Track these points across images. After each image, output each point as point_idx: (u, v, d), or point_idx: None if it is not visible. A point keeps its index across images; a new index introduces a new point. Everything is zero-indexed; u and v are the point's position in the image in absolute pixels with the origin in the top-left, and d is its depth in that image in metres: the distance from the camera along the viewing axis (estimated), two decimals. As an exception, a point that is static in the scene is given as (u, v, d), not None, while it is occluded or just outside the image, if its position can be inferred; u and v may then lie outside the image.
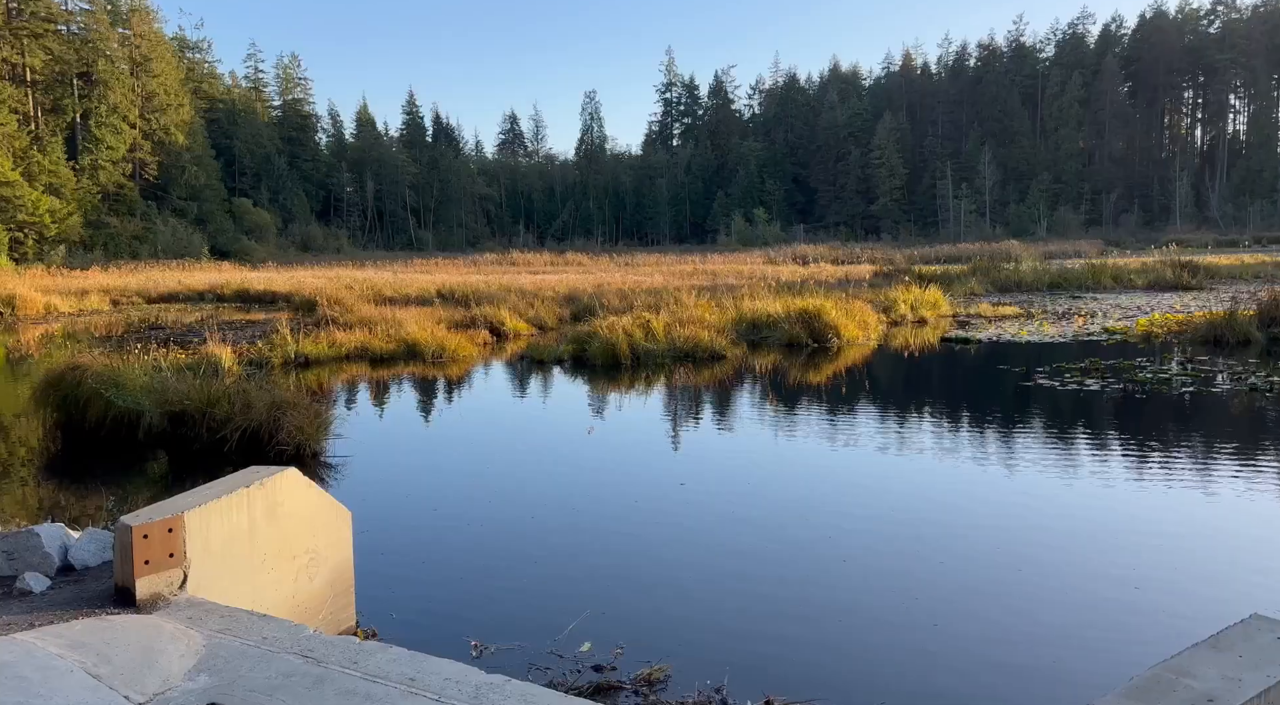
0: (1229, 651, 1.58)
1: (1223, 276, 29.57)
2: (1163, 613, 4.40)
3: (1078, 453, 7.69)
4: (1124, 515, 5.99)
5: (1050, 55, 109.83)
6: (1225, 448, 7.78)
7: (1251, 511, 5.93)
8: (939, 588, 4.76)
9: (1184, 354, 13.13)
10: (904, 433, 8.86)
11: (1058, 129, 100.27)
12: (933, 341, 16.27)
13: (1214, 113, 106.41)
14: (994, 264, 34.62)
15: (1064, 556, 5.21)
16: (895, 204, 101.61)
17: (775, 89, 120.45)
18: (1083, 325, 17.67)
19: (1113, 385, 10.67)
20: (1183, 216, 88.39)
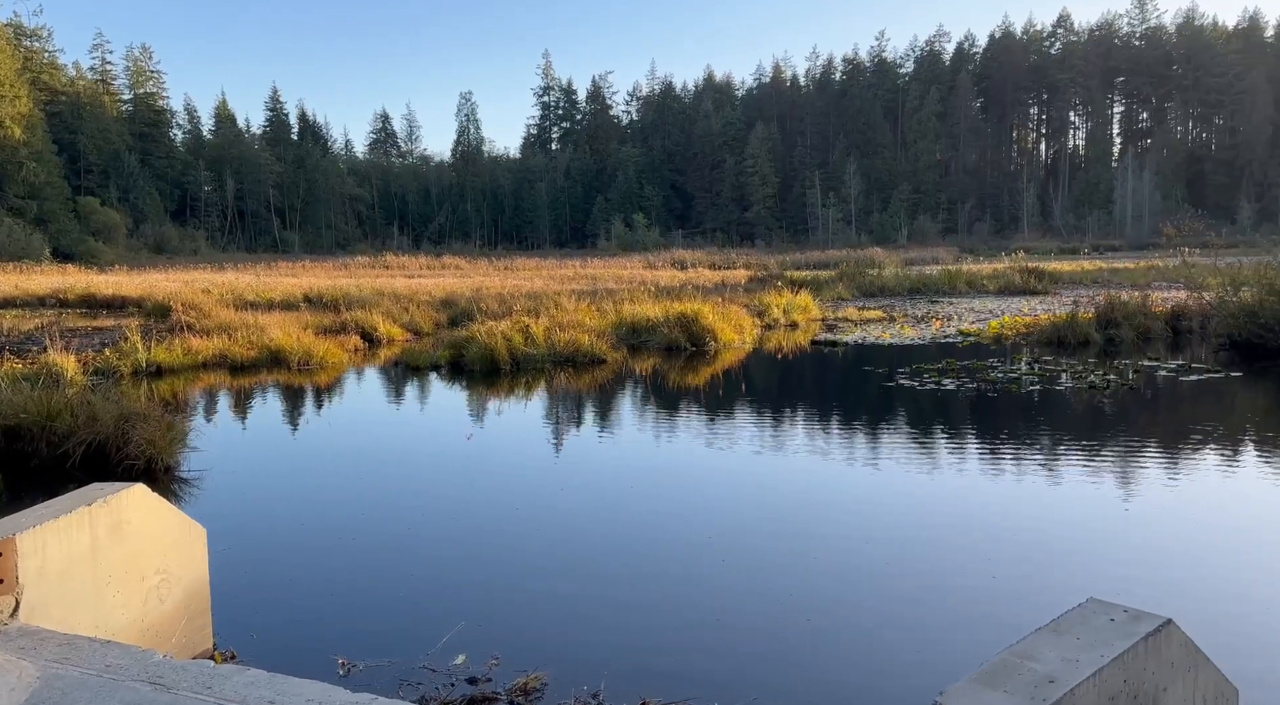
0: (1068, 635, 1.68)
1: (1065, 281, 31.81)
2: (1014, 599, 4.67)
3: (936, 449, 8.09)
4: (979, 507, 6.34)
5: (910, 71, 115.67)
6: (1068, 442, 8.35)
7: (1090, 500, 6.39)
8: (811, 583, 4.91)
9: (1031, 355, 14.04)
10: (778, 433, 9.10)
11: (917, 142, 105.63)
12: (804, 344, 16.81)
13: (1056, 128, 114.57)
14: (860, 270, 36.11)
15: (926, 548, 5.46)
16: (768, 211, 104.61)
17: (652, 96, 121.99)
18: (940, 328, 18.64)
19: (967, 385, 11.29)
20: (1030, 225, 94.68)
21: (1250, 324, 14.08)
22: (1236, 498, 6.48)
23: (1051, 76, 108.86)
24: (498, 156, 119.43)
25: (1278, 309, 13.66)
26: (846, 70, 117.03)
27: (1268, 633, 4.15)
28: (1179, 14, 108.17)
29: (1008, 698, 1.48)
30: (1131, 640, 1.64)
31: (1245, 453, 7.93)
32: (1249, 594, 4.63)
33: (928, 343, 16.23)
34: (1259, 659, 3.87)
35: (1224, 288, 15.92)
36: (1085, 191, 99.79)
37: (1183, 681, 1.72)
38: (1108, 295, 18.07)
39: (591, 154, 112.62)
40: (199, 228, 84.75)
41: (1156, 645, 1.68)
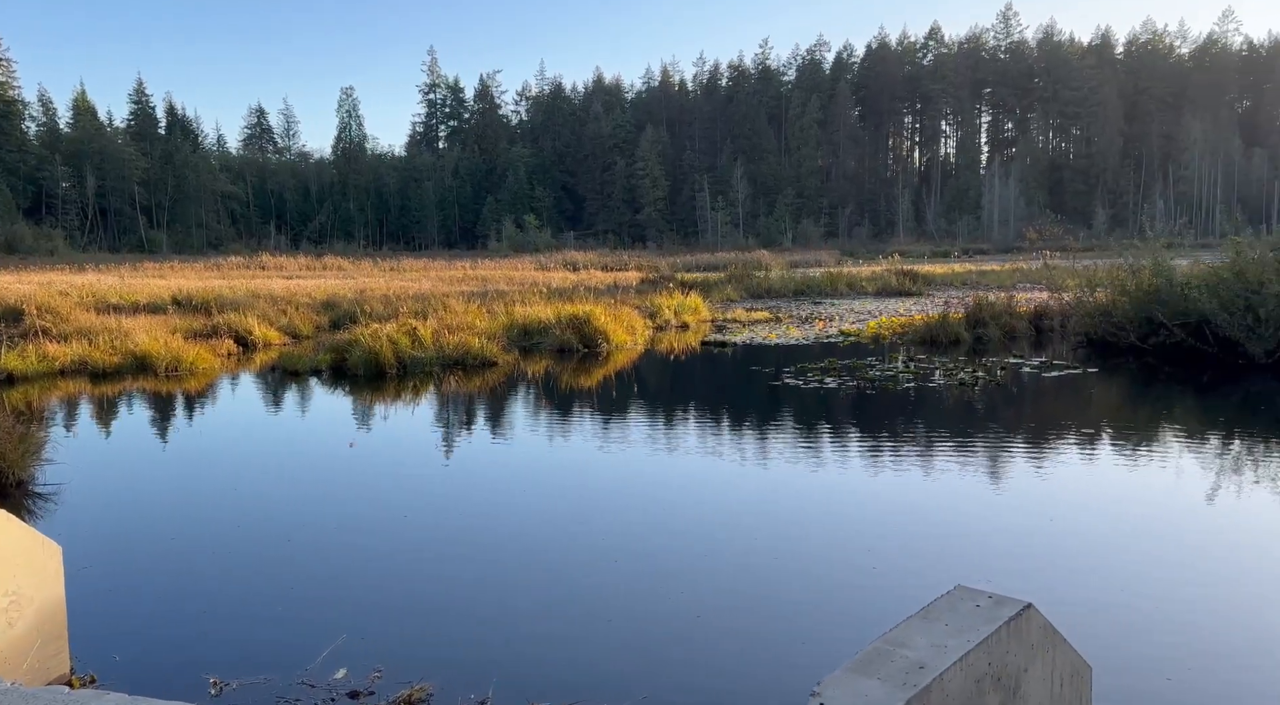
0: (937, 621, 1.74)
1: (938, 283, 33.36)
2: (891, 588, 4.85)
3: (820, 447, 8.35)
4: (859, 501, 6.57)
5: (792, 79, 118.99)
6: (941, 436, 8.76)
7: (961, 492, 6.71)
8: (699, 581, 4.97)
9: (907, 353, 14.65)
10: (669, 434, 9.19)
11: (800, 148, 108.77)
12: (694, 345, 17.04)
13: (929, 137, 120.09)
14: (747, 272, 36.89)
15: (810, 542, 5.61)
16: (659, 214, 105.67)
17: (542, 97, 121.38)
18: (823, 328, 19.25)
19: (848, 383, 11.69)
20: (905, 229, 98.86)
21: (1104, 323, 15.09)
22: (1093, 486, 6.94)
23: (924, 87, 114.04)
24: (382, 154, 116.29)
25: (1128, 309, 14.68)
26: (732, 77, 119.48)
27: (1119, 613, 4.45)
28: (1040, 30, 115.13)
29: (880, 685, 1.53)
30: (995, 625, 1.73)
31: (1101, 444, 8.50)
32: (1103, 577, 4.95)
33: (812, 343, 16.71)
34: (1111, 637, 4.14)
35: (1081, 289, 17.02)
36: (956, 197, 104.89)
37: (1042, 661, 1.81)
38: (976, 296, 19.05)
39: (480, 153, 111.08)
40: (56, 226, 78.97)
41: (1018, 628, 1.77)
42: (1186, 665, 3.81)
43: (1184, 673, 3.74)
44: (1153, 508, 6.32)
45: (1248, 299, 12.72)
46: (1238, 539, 5.57)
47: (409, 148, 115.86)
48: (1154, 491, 6.71)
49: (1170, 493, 6.63)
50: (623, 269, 44.37)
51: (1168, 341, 13.73)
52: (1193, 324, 13.41)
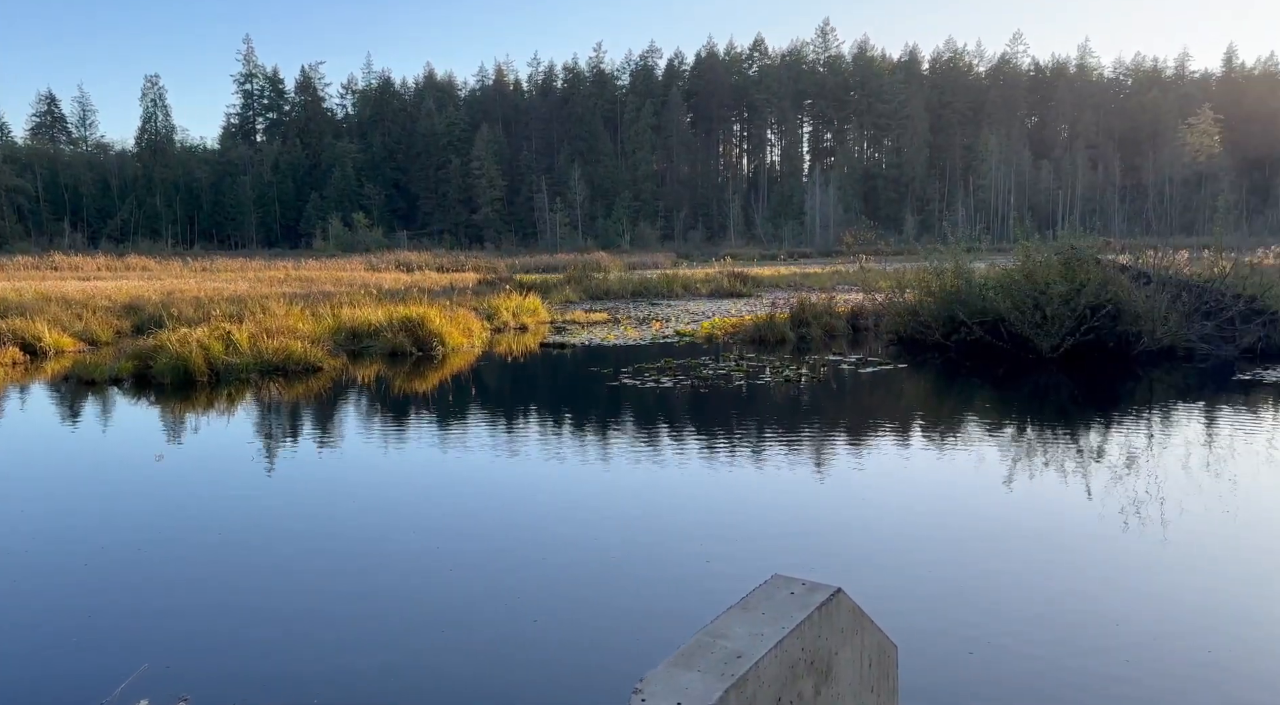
0: (755, 610, 1.79)
1: (766, 285, 34.78)
2: (719, 580, 5.00)
3: (655, 445, 8.50)
4: (690, 497, 6.74)
5: (626, 83, 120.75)
6: (768, 431, 9.13)
7: (784, 483, 7.02)
8: (530, 582, 4.94)
9: (737, 353, 15.18)
10: (508, 436, 9.09)
11: (635, 152, 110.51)
12: (533, 347, 16.95)
13: (756, 145, 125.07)
14: (586, 274, 37.11)
15: (643, 539, 5.70)
16: (496, 214, 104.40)
17: (370, 91, 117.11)
18: (660, 329, 19.63)
19: (683, 382, 11.98)
20: (736, 233, 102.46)
21: (913, 322, 16.21)
22: (901, 475, 7.44)
23: (751, 96, 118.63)
24: (193, 147, 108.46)
25: (933, 309, 15.85)
26: (568, 78, 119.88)
27: (925, 593, 4.79)
28: (855, 45, 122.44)
29: (700, 677, 1.57)
30: (808, 611, 1.80)
31: (910, 435, 9.13)
32: (910, 559, 5.31)
33: (649, 343, 17.01)
34: (917, 616, 4.45)
35: (892, 290, 18.22)
36: (781, 203, 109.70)
37: (851, 644, 1.91)
38: (800, 298, 19.99)
39: (303, 148, 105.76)
40: None
41: (829, 613, 1.85)
42: (988, 639, 4.15)
43: (985, 647, 4.06)
44: (955, 493, 6.84)
45: (1036, 299, 14.02)
46: (1032, 519, 6.13)
47: (223, 141, 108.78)
48: (956, 478, 7.27)
49: (970, 479, 7.21)
50: (460, 270, 43.53)
51: (968, 338, 14.91)
52: (990, 322, 14.63)
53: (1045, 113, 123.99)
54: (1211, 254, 16.17)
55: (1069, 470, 7.28)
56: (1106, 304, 13.63)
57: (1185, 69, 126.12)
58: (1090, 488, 6.63)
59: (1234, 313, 13.95)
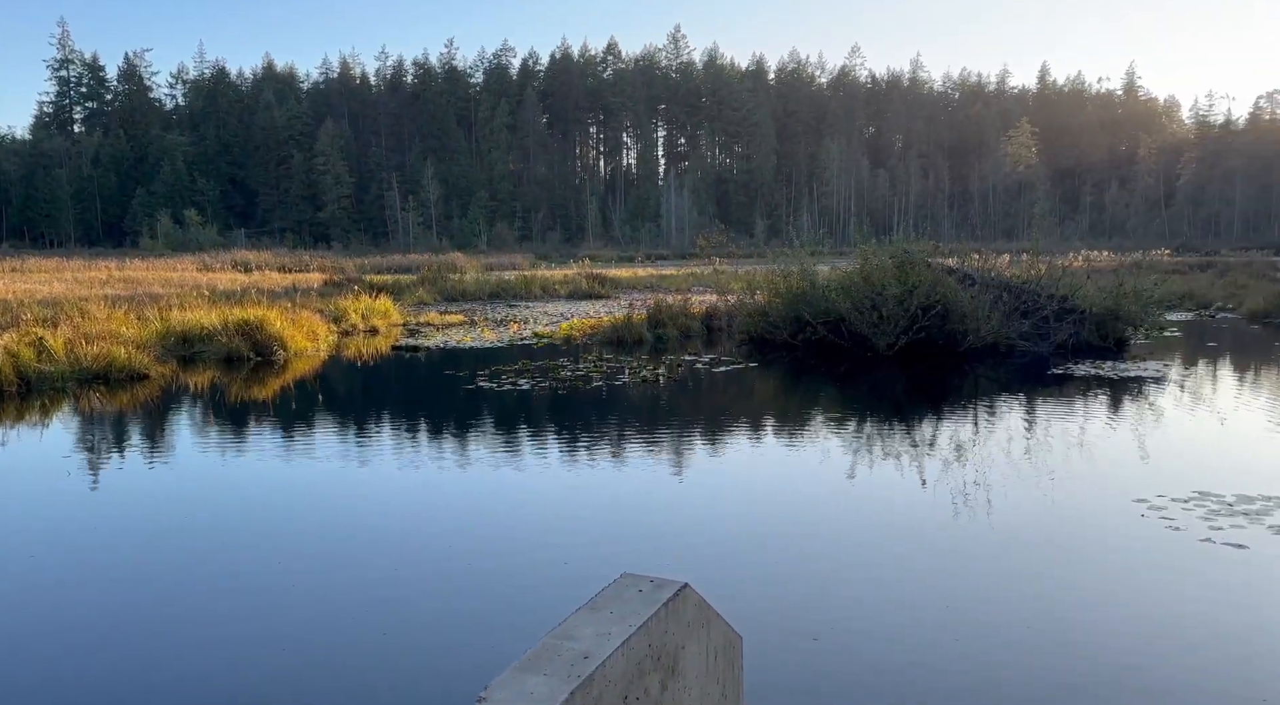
0: (603, 610, 1.80)
1: (624, 287, 35.10)
2: (573, 581, 5.00)
3: (513, 447, 8.41)
4: (545, 499, 6.71)
5: (480, 82, 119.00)
6: (625, 431, 9.22)
7: (638, 482, 7.11)
8: (386, 590, 4.78)
9: (596, 354, 15.25)
10: (359, 442, 8.75)
11: (490, 151, 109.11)
12: (385, 350, 16.42)
13: (612, 147, 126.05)
14: (441, 274, 36.30)
15: (499, 543, 5.63)
16: (344, 212, 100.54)
17: (203, 81, 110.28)
18: (518, 331, 19.46)
19: (541, 384, 11.92)
20: (594, 235, 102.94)
21: (763, 322, 16.78)
22: (750, 469, 7.68)
23: (606, 99, 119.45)
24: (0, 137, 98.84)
25: (781, 309, 16.46)
26: (419, 74, 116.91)
27: (769, 584, 4.96)
28: (705, 53, 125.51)
29: (546, 680, 1.56)
30: (655, 607, 1.82)
31: (759, 431, 9.44)
32: (757, 551, 5.49)
33: (507, 345, 16.82)
34: (763, 606, 4.60)
35: (743, 292, 18.79)
36: (638, 205, 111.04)
37: (697, 637, 1.95)
38: (657, 299, 20.31)
39: (128, 140, 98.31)
40: None
41: (675, 608, 1.88)
42: (831, 626, 4.33)
43: (829, 632, 4.24)
44: (800, 486, 7.13)
45: (873, 300, 14.80)
46: (871, 509, 6.45)
47: (35, 131, 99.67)
48: (801, 471, 7.58)
49: (814, 472, 7.53)
50: (304, 270, 41.58)
51: (813, 337, 15.57)
52: (832, 322, 15.33)
53: (881, 124, 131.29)
54: (1029, 257, 17.57)
55: (904, 461, 7.73)
56: (936, 304, 14.55)
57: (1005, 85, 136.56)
58: (924, 477, 7.06)
59: (1048, 312, 15.20)
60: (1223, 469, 7.17)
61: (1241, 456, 7.80)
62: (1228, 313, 22.95)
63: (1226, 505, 5.97)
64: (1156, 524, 5.65)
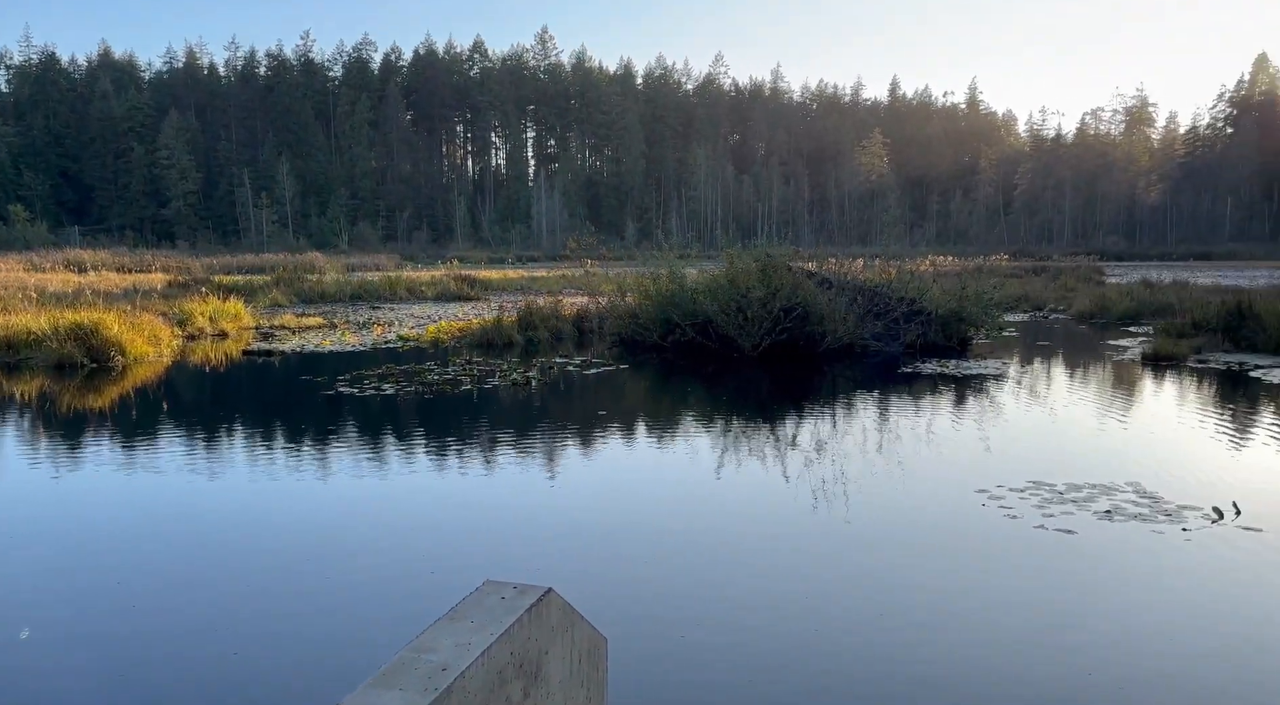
0: (463, 620, 1.76)
1: (494, 288, 34.66)
2: (436, 592, 4.89)
3: (376, 454, 8.14)
4: (409, 508, 6.53)
5: (339, 75, 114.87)
6: (495, 435, 9.09)
7: (507, 487, 7.02)
8: (237, 609, 4.52)
9: (466, 357, 14.98)
10: (207, 453, 8.25)
11: (351, 147, 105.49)
12: (235, 355, 15.58)
13: (481, 147, 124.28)
14: (298, 275, 34.82)
15: (357, 555, 5.43)
16: (190, 209, 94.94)
17: (29, 67, 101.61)
18: (382, 334, 18.87)
19: (406, 388, 11.60)
20: (463, 235, 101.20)
21: (633, 324, 16.94)
22: (620, 470, 7.73)
23: (473, 97, 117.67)
24: None
25: (651, 311, 16.66)
26: (272, 66, 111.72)
27: (635, 584, 5.00)
28: (574, 55, 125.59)
29: (402, 695, 1.51)
30: (517, 614, 1.80)
31: (629, 432, 9.51)
32: (625, 552, 5.53)
33: (369, 349, 16.28)
34: (629, 608, 4.64)
35: (613, 294, 18.91)
36: (508, 206, 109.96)
37: (561, 642, 1.94)
38: (527, 301, 20.16)
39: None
40: None
41: (539, 614, 1.87)
42: (699, 622, 4.41)
43: (696, 629, 4.31)
44: (667, 485, 7.23)
45: (739, 302, 15.19)
46: (738, 505, 6.61)
47: None
48: (668, 471, 7.69)
49: (681, 471, 7.65)
50: (146, 270, 38.94)
51: (682, 339, 15.84)
52: (700, 323, 15.64)
53: (745, 131, 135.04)
54: (881, 262, 18.47)
55: (768, 459, 7.96)
56: (797, 307, 15.09)
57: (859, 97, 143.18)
58: (787, 474, 7.29)
59: (899, 314, 16.02)
60: (1054, 459, 7.75)
61: (1070, 447, 8.45)
62: (1059, 313, 24.84)
63: (1057, 494, 6.45)
64: (996, 513, 6.04)
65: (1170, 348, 14.38)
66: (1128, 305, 22.43)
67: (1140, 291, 24.77)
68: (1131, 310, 22.04)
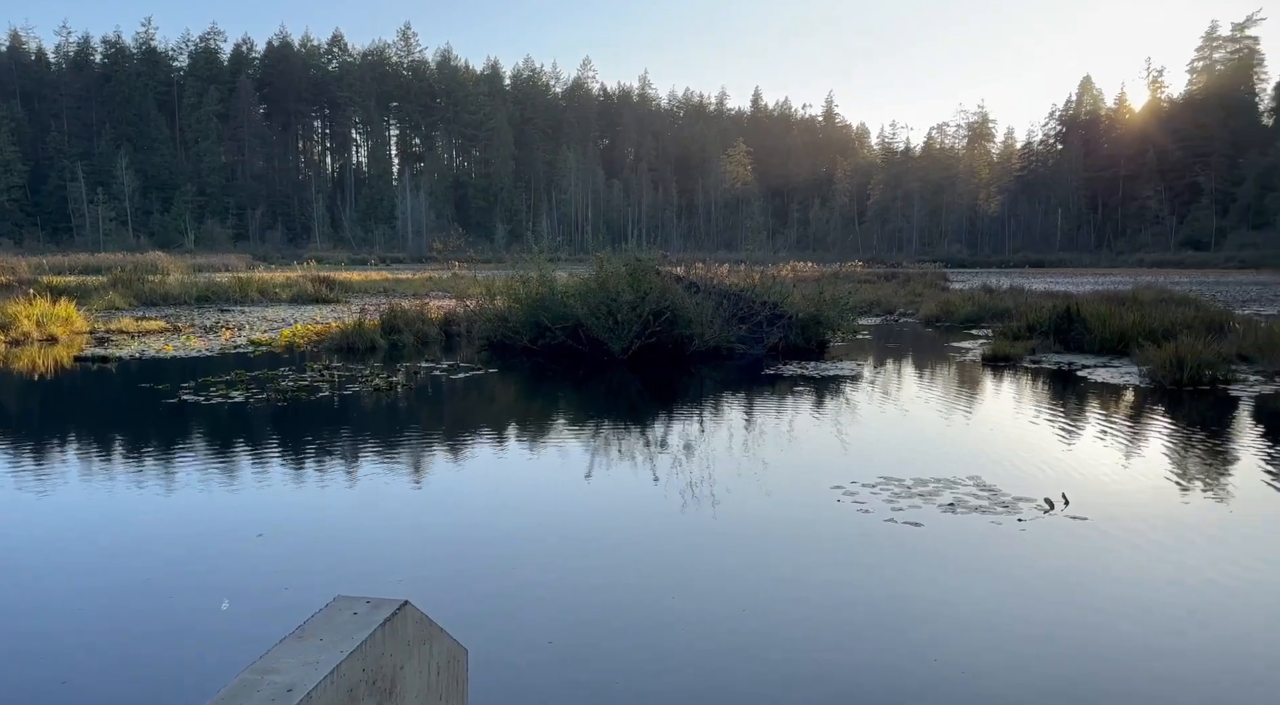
0: (312, 638, 1.69)
1: (355, 290, 33.49)
2: (285, 610, 4.67)
3: (224, 466, 7.69)
4: (262, 519, 6.21)
5: (185, 65, 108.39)
6: (355, 443, 8.76)
7: (364, 498, 6.78)
8: (64, 633, 4.17)
9: (323, 362, 14.39)
10: (35, 466, 7.56)
11: (198, 141, 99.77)
12: (66, 361, 14.41)
13: (340, 143, 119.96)
14: (138, 276, 32.65)
15: (209, 574, 5.12)
16: (16, 204, 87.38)
17: None
18: (231, 338, 17.90)
19: (258, 396, 11.03)
20: (322, 235, 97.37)
21: (502, 327, 16.73)
22: (487, 477, 7.61)
23: (332, 92, 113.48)
24: None
25: (521, 315, 16.50)
26: (109, 54, 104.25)
27: (501, 592, 4.93)
28: (439, 53, 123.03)
29: (243, 721, 1.43)
30: (370, 629, 1.73)
31: (498, 438, 9.38)
32: (488, 561, 5.44)
33: (218, 354, 15.41)
34: (491, 617, 4.57)
35: (482, 297, 18.62)
36: (371, 206, 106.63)
37: (418, 655, 1.88)
38: (391, 304, 19.58)
39: None
40: None
41: (394, 628, 1.80)
42: (566, 628, 4.38)
43: (564, 635, 4.28)
44: (537, 489, 7.17)
45: (609, 306, 15.27)
46: (606, 507, 6.62)
47: None
48: (538, 474, 7.63)
49: (551, 475, 7.61)
50: (-39, 271, 35.46)
51: (553, 342, 15.77)
52: (571, 327, 15.62)
53: (614, 136, 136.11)
54: (745, 267, 18.98)
55: (638, 460, 8.03)
56: (665, 311, 15.31)
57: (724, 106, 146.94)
58: (656, 475, 7.37)
59: (762, 317, 16.51)
60: (903, 456, 8.16)
61: (918, 444, 8.93)
62: (908, 317, 26.24)
63: (906, 488, 6.79)
64: (851, 508, 6.31)
65: (1007, 349, 15.42)
66: (970, 309, 23.93)
67: (981, 297, 26.49)
68: (973, 314, 23.53)
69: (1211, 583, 4.91)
